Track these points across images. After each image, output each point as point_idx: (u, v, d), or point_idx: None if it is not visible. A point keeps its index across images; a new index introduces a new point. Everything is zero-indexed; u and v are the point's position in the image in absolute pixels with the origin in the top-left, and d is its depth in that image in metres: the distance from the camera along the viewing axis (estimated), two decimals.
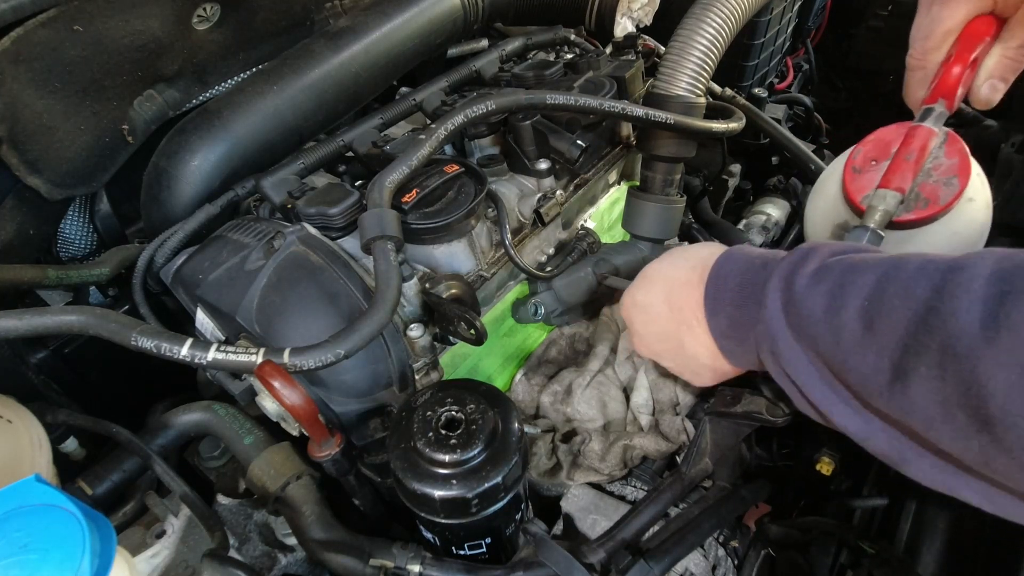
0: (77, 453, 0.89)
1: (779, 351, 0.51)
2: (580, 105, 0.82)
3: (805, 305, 0.47)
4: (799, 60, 2.04)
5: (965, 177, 0.64)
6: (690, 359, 0.67)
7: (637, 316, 0.73)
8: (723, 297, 0.58)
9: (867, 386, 0.44)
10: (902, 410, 0.42)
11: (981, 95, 0.66)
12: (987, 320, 0.36)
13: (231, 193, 0.86)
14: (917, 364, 0.39)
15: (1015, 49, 0.63)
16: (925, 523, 0.77)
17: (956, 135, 0.67)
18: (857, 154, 0.71)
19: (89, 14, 0.79)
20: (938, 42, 0.65)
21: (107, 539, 0.47)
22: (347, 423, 0.74)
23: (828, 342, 0.45)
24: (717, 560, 0.79)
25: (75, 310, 0.63)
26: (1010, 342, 0.34)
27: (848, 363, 0.44)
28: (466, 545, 0.69)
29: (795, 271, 0.50)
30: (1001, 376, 0.34)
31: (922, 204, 0.65)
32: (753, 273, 0.55)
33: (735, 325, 0.57)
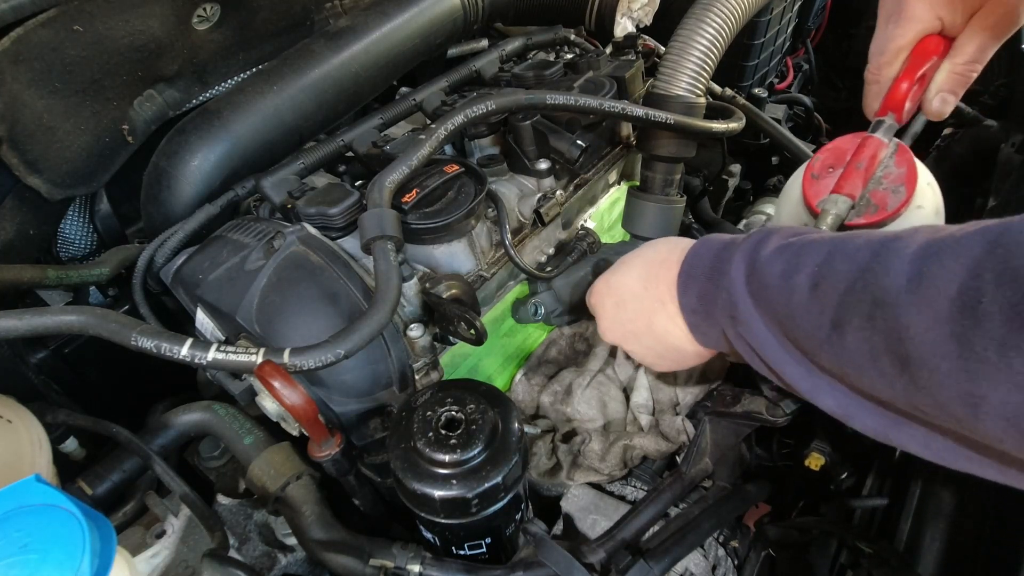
0: (77, 453, 0.89)
1: (738, 315, 0.56)
2: (580, 105, 0.82)
3: (764, 273, 0.53)
4: (799, 60, 2.04)
5: (912, 185, 0.68)
6: (657, 340, 0.70)
7: (609, 298, 0.75)
8: (696, 274, 0.62)
9: (811, 341, 0.49)
10: (839, 360, 0.47)
11: (933, 107, 0.71)
12: (912, 275, 0.41)
13: (231, 193, 0.86)
14: (851, 316, 0.45)
15: (963, 65, 0.68)
16: (925, 523, 0.77)
17: (906, 147, 0.72)
18: (816, 161, 0.75)
19: (89, 14, 0.79)
20: (891, 58, 0.70)
21: (107, 539, 0.47)
22: (347, 423, 0.74)
23: (781, 304, 0.51)
24: (717, 560, 0.79)
25: (75, 310, 0.63)
26: (928, 292, 0.39)
27: (795, 320, 0.50)
28: (466, 545, 0.69)
29: (759, 245, 0.55)
30: (919, 321, 0.39)
31: (872, 209, 0.69)
32: (723, 251, 0.60)
33: (703, 299, 0.61)
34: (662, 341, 0.69)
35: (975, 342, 0.36)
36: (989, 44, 0.66)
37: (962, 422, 0.39)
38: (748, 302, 0.55)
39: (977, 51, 0.67)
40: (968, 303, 0.37)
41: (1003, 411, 0.36)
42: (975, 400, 0.37)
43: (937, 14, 0.66)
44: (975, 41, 0.66)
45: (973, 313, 0.36)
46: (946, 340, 0.38)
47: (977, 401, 0.37)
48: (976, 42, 0.66)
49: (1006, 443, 0.37)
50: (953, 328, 0.37)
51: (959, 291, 0.37)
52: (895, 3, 0.68)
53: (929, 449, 0.46)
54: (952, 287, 0.38)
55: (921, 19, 0.67)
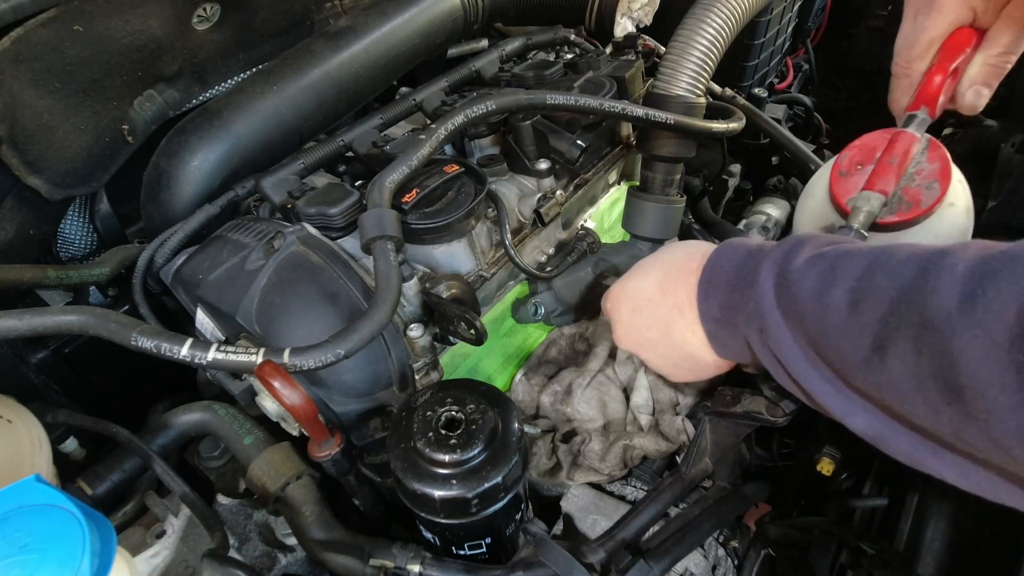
0: (77, 453, 0.89)
1: (767, 329, 0.53)
2: (580, 105, 0.82)
3: (796, 285, 0.50)
4: (799, 60, 2.04)
5: (946, 182, 0.66)
6: (674, 348, 0.68)
7: (625, 304, 0.73)
8: (718, 281, 0.59)
9: (848, 362, 0.46)
10: (879, 385, 0.44)
11: (966, 101, 0.69)
12: (965, 296, 0.38)
13: (231, 193, 0.86)
14: (896, 338, 0.41)
15: (996, 56, 0.65)
16: (925, 523, 0.77)
17: (938, 141, 0.70)
18: (843, 158, 0.73)
19: (89, 14, 0.79)
20: (922, 51, 0.68)
21: (107, 539, 0.47)
22: (347, 423, 0.74)
23: (815, 320, 0.48)
24: (717, 560, 0.79)
25: (75, 310, 0.63)
26: (984, 316, 0.36)
27: (831, 339, 0.46)
28: (466, 545, 0.69)
29: (789, 255, 0.52)
30: (973, 347, 0.36)
31: (904, 207, 0.67)
32: (749, 258, 0.57)
33: (726, 308, 0.58)
34: (679, 350, 0.67)
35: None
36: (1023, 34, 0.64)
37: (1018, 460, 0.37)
38: (777, 315, 0.51)
39: (1012, 41, 0.64)
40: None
41: None
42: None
43: (970, 5, 0.64)
44: (1009, 31, 0.64)
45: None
46: (1005, 370, 0.35)
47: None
48: (1010, 32, 0.64)
49: None
50: (1013, 357, 0.34)
51: (1018, 316, 0.35)
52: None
53: (968, 480, 0.44)
54: (1010, 311, 0.35)
55: (953, 10, 0.65)
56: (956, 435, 0.40)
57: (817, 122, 1.74)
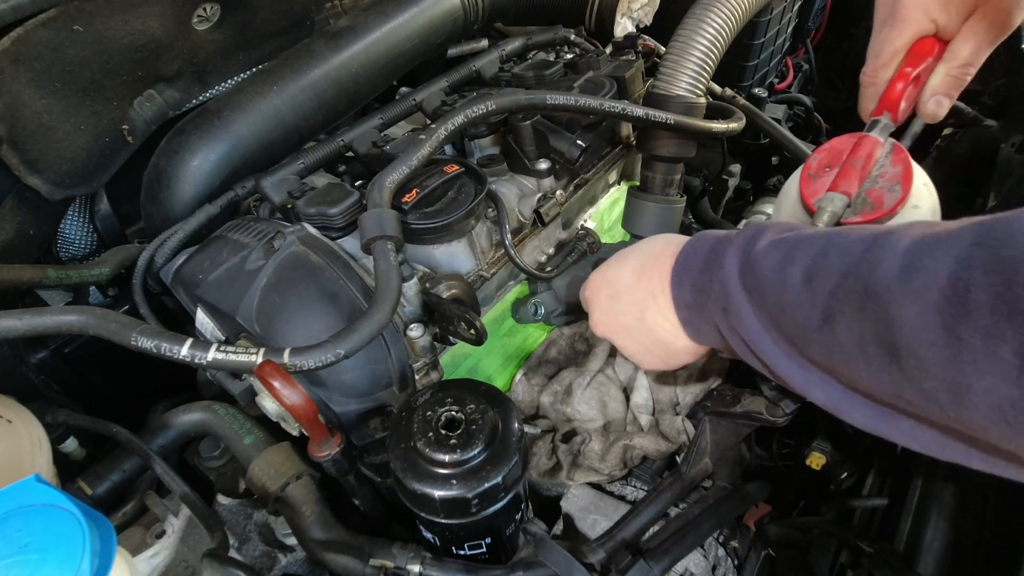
0: (77, 453, 0.89)
1: (731, 308, 0.56)
2: (580, 105, 0.82)
3: (759, 265, 0.53)
4: (799, 60, 2.04)
5: (908, 184, 0.69)
6: (647, 334, 0.69)
7: (603, 290, 0.75)
8: (690, 267, 0.62)
9: (802, 333, 0.49)
10: (830, 352, 0.47)
11: (928, 110, 0.72)
12: (904, 267, 0.41)
13: (231, 193, 0.86)
14: (842, 307, 0.45)
15: (957, 68, 0.69)
16: (925, 523, 0.77)
17: (901, 146, 0.72)
18: (813, 161, 0.75)
19: (89, 14, 0.79)
20: (887, 60, 0.71)
21: (107, 539, 0.47)
22: (347, 423, 0.74)
23: (774, 296, 0.51)
24: (717, 560, 0.79)
25: (75, 310, 0.63)
26: (918, 282, 0.40)
27: (787, 312, 0.50)
28: (466, 545, 0.69)
29: (753, 239, 0.56)
30: (909, 310, 0.40)
31: (868, 207, 0.69)
32: (718, 244, 0.60)
33: (697, 292, 0.61)
34: (652, 335, 0.69)
35: (963, 331, 0.37)
36: (983, 47, 0.67)
37: (948, 411, 0.40)
38: (741, 295, 0.55)
39: (971, 54, 0.68)
40: (957, 292, 0.37)
41: (988, 400, 0.36)
42: (961, 389, 0.37)
43: (931, 17, 0.67)
44: (969, 44, 0.67)
45: (962, 302, 0.37)
46: (935, 329, 0.38)
47: (963, 390, 0.37)
48: (970, 45, 0.67)
49: (990, 432, 0.38)
50: (942, 317, 0.38)
51: (949, 280, 0.38)
52: (890, 7, 0.70)
53: (917, 441, 0.47)
54: (942, 277, 0.38)
55: (916, 21, 0.68)
56: (897, 395, 0.43)
57: (817, 122, 1.74)
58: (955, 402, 0.38)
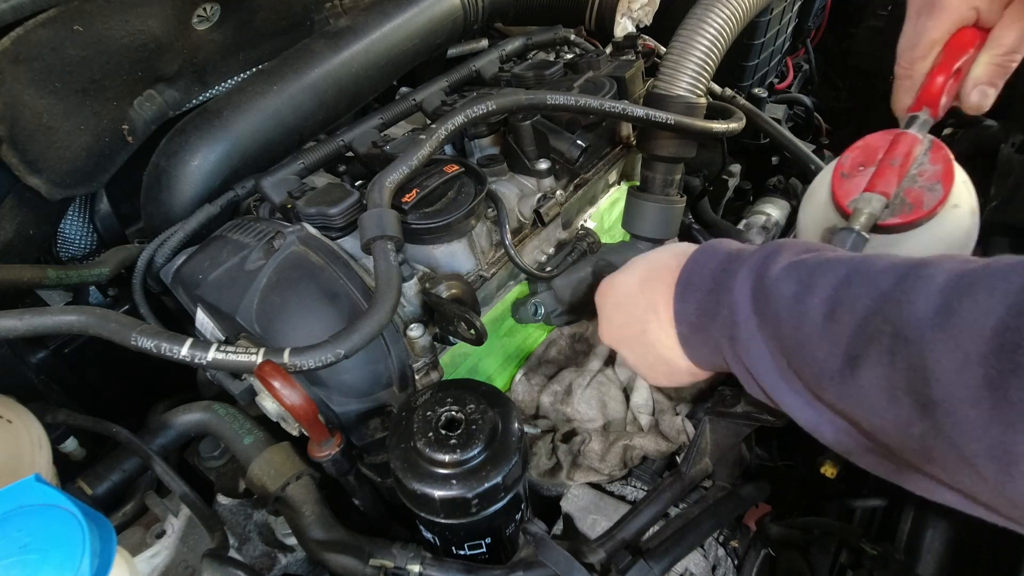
0: (77, 453, 0.89)
1: (738, 337, 0.52)
2: (580, 105, 0.82)
3: (774, 291, 0.48)
4: (799, 60, 2.04)
5: (949, 183, 0.65)
6: (648, 348, 0.66)
7: (610, 298, 0.72)
8: (695, 284, 0.58)
9: (819, 373, 0.44)
10: (850, 397, 0.42)
11: (972, 101, 0.68)
12: (940, 309, 0.37)
13: (231, 193, 0.86)
14: (868, 350, 0.40)
15: (1001, 56, 0.64)
16: (925, 523, 0.77)
17: (941, 142, 0.69)
18: (846, 159, 0.72)
19: (89, 14, 0.79)
20: (924, 52, 0.67)
21: (107, 539, 0.47)
22: (347, 423, 0.74)
23: (790, 327, 0.46)
24: (717, 560, 0.79)
25: (75, 310, 0.63)
26: (959, 330, 0.35)
27: (805, 348, 0.45)
28: (466, 545, 0.69)
29: (767, 261, 0.51)
30: (947, 361, 0.35)
31: (907, 209, 0.66)
32: (728, 263, 0.56)
33: (701, 313, 0.57)
34: (652, 350, 0.66)
35: (1011, 389, 0.32)
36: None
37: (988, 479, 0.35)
38: (752, 323, 0.50)
39: (1016, 40, 0.63)
40: (1005, 345, 0.33)
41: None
42: (1007, 455, 0.33)
43: (972, 4, 0.63)
44: (1013, 30, 0.63)
45: (1011, 357, 0.32)
46: (978, 385, 0.34)
47: (1009, 457, 0.33)
48: (1014, 31, 0.63)
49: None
50: (987, 372, 0.33)
51: (995, 331, 0.34)
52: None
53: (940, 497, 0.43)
54: (987, 325, 0.34)
55: (956, 10, 0.64)
56: (925, 452, 0.39)
57: (817, 122, 1.74)
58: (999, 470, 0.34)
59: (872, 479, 0.91)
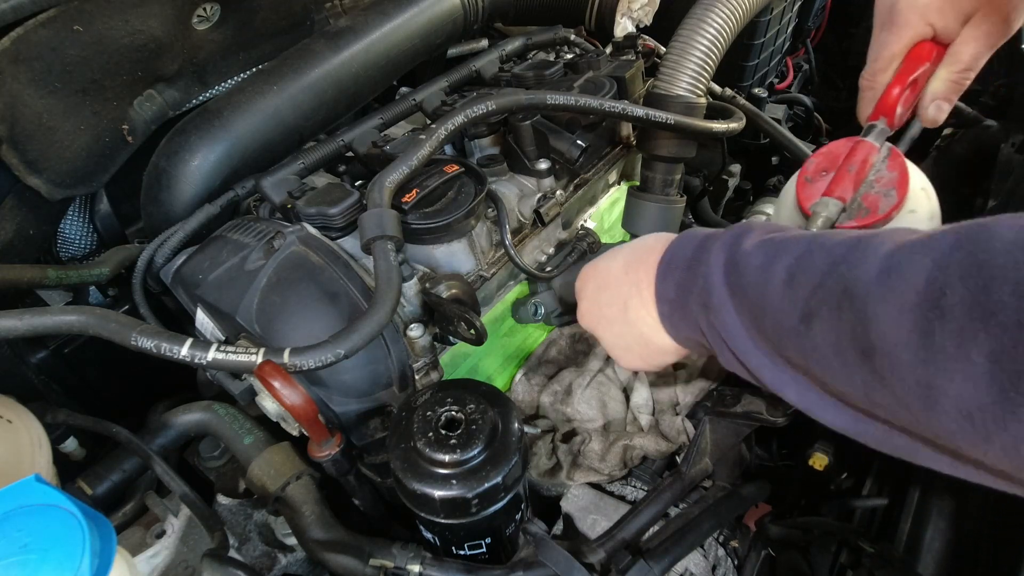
0: (77, 453, 0.89)
1: (711, 304, 0.56)
2: (580, 105, 0.82)
3: (743, 262, 0.53)
4: (799, 60, 2.04)
5: (904, 189, 0.69)
6: (629, 327, 0.68)
7: (592, 281, 0.74)
8: (676, 263, 0.62)
9: (779, 332, 0.49)
10: (805, 352, 0.47)
11: (928, 114, 0.72)
12: (883, 269, 0.41)
13: (231, 193, 0.86)
14: (820, 307, 0.45)
15: (958, 72, 0.68)
16: (925, 523, 0.77)
17: (899, 151, 0.72)
18: (810, 165, 0.75)
19: (89, 14, 0.79)
20: (884, 64, 0.71)
21: (107, 539, 0.47)
22: (347, 423, 0.74)
23: (755, 292, 0.51)
24: (717, 560, 0.79)
25: (75, 310, 0.63)
26: (896, 284, 0.40)
27: (766, 311, 0.50)
28: (466, 545, 0.69)
29: (740, 237, 0.56)
30: (885, 311, 0.40)
31: (863, 213, 0.69)
32: (705, 240, 0.60)
33: (680, 288, 0.61)
34: (633, 328, 0.68)
35: (936, 333, 0.37)
36: (984, 51, 0.67)
37: (918, 416, 0.39)
38: (724, 291, 0.55)
39: (972, 58, 0.67)
40: (933, 294, 0.37)
41: (957, 404, 0.36)
42: (932, 393, 0.37)
43: (928, 21, 0.67)
44: (969, 48, 0.67)
45: (937, 304, 0.37)
46: (909, 331, 0.38)
47: (934, 394, 0.37)
48: (970, 49, 0.67)
49: (958, 438, 0.37)
50: (917, 319, 0.38)
51: (926, 283, 0.38)
52: (887, 10, 0.69)
53: (890, 444, 0.47)
54: (920, 279, 0.38)
55: (913, 26, 0.68)
56: (869, 398, 0.43)
57: (817, 122, 1.74)
58: (925, 406, 0.38)
59: (872, 479, 0.91)
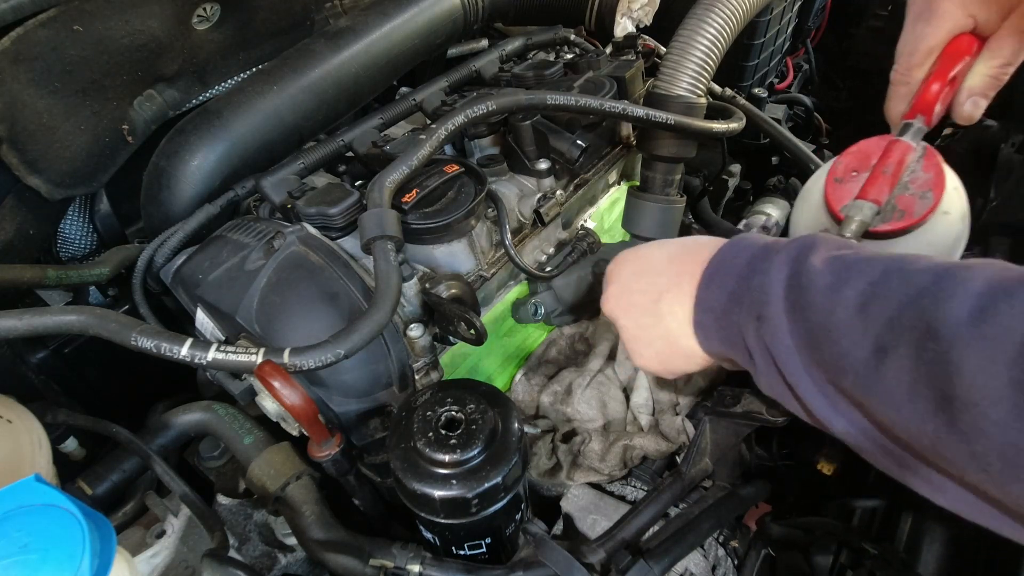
0: (77, 453, 0.89)
1: (766, 317, 0.52)
2: (580, 105, 0.82)
3: (808, 280, 0.49)
4: (799, 60, 2.04)
5: (940, 191, 0.66)
6: (655, 321, 0.65)
7: (631, 265, 0.70)
8: (727, 270, 0.58)
9: (844, 361, 0.45)
10: (870, 388, 0.43)
11: (964, 111, 0.68)
12: (976, 310, 0.38)
13: (231, 193, 0.86)
14: (898, 343, 0.41)
15: (997, 67, 0.65)
16: (925, 523, 0.77)
17: (934, 150, 0.69)
18: (839, 164, 0.72)
19: (89, 14, 0.79)
20: (921, 59, 0.67)
21: (107, 539, 0.47)
22: (347, 423, 0.74)
23: (820, 315, 0.47)
24: (717, 560, 0.79)
25: (75, 310, 0.63)
26: (992, 331, 0.36)
27: (833, 335, 0.46)
28: (466, 545, 0.69)
29: (806, 251, 0.51)
30: (975, 359, 0.36)
31: (898, 216, 0.66)
32: (764, 251, 0.56)
33: (729, 295, 0.57)
34: (661, 322, 0.64)
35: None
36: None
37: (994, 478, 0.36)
38: (781, 306, 0.51)
39: (1012, 53, 0.64)
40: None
41: None
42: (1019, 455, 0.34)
43: (970, 12, 0.63)
44: (1010, 42, 0.63)
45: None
46: (1003, 386, 0.35)
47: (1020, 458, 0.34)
48: (1011, 43, 0.63)
49: None
50: (1013, 375, 0.34)
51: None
52: (925, 1, 0.65)
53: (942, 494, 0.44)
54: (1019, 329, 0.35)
55: (953, 17, 0.64)
56: (935, 447, 0.40)
57: (817, 122, 1.74)
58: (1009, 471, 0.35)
59: (873, 480, 0.91)
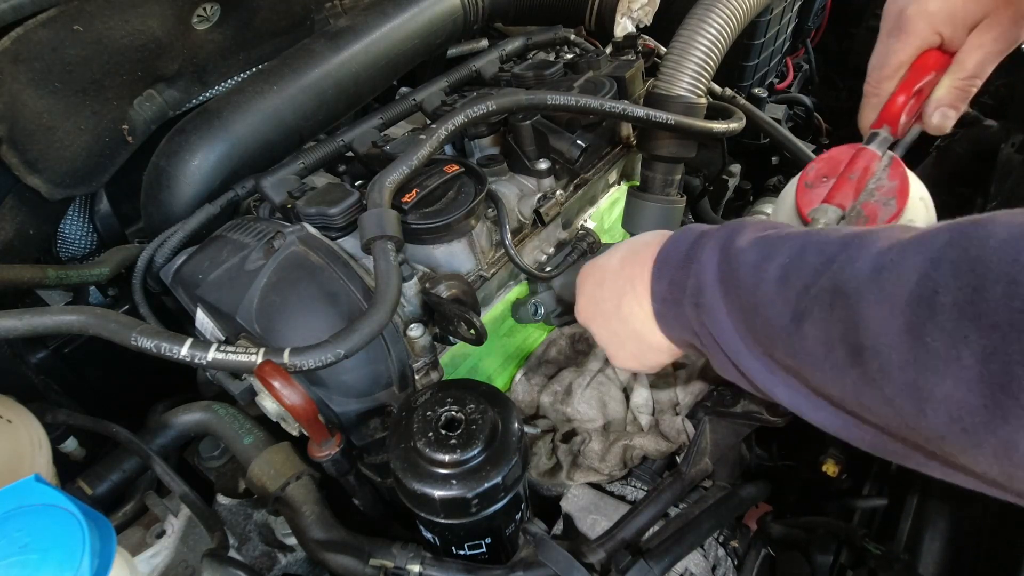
0: (77, 453, 0.89)
1: (703, 302, 0.55)
2: (580, 105, 0.82)
3: (737, 260, 0.52)
4: (799, 60, 2.04)
5: (903, 199, 0.69)
6: (623, 323, 0.68)
7: (591, 277, 0.74)
8: (671, 260, 0.61)
9: (771, 331, 0.48)
10: (795, 352, 0.46)
11: (933, 122, 0.72)
12: (875, 267, 0.40)
13: (231, 193, 0.86)
14: (812, 306, 0.44)
15: (963, 80, 0.68)
16: (925, 523, 0.77)
17: (900, 160, 0.72)
18: (811, 170, 0.75)
19: (89, 14, 0.79)
20: (891, 72, 0.70)
21: (107, 539, 0.47)
22: (347, 423, 0.74)
23: (748, 291, 0.50)
24: (717, 560, 0.79)
25: (75, 310, 0.63)
26: (889, 282, 0.39)
27: (759, 309, 0.49)
28: (466, 545, 0.69)
29: (733, 235, 0.55)
30: (876, 310, 0.39)
31: (862, 221, 0.69)
32: (699, 238, 0.59)
33: (673, 286, 0.60)
34: (627, 324, 0.67)
35: (927, 333, 0.36)
36: (990, 59, 0.67)
37: (906, 419, 0.38)
38: (716, 290, 0.54)
39: (977, 66, 0.67)
40: (925, 294, 0.36)
41: (947, 407, 0.35)
42: (921, 395, 0.36)
43: (936, 29, 0.67)
44: (975, 56, 0.67)
45: (929, 304, 0.36)
46: (900, 330, 0.37)
47: (923, 396, 0.36)
48: (976, 57, 0.67)
49: (947, 441, 0.36)
50: (908, 319, 0.37)
51: (918, 281, 0.37)
52: (895, 18, 0.69)
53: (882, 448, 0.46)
54: (912, 277, 0.37)
55: (921, 34, 0.67)
56: (857, 399, 0.42)
57: (817, 122, 1.74)
58: (915, 409, 0.37)
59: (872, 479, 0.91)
